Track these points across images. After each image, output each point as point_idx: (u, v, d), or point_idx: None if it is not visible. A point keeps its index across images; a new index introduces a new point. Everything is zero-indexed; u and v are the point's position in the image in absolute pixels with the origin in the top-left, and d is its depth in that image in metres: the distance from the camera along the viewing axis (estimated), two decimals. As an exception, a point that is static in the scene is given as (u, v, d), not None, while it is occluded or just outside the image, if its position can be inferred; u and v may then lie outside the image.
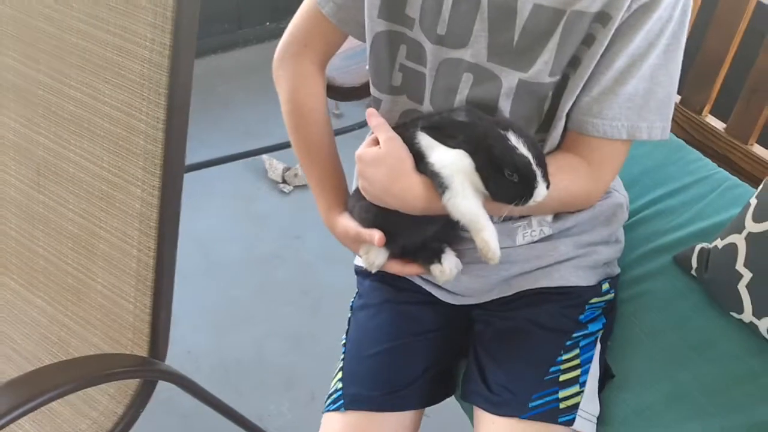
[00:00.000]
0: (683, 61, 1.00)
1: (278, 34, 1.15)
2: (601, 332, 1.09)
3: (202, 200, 2.32)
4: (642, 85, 0.97)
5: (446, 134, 0.94)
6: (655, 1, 0.94)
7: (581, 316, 1.08)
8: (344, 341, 1.16)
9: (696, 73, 1.40)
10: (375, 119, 1.01)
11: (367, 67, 1.10)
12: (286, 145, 2.37)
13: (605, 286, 1.11)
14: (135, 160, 1.07)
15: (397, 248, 1.04)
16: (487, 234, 0.93)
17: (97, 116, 1.09)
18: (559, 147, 1.04)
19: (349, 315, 1.19)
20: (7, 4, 1.13)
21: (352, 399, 1.08)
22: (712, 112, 1.42)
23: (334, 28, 1.10)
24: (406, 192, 0.95)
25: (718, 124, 1.39)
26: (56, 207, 1.17)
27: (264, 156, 2.46)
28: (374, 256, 1.04)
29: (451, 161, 0.93)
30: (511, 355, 1.07)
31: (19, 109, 1.15)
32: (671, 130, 1.39)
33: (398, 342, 1.11)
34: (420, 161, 0.96)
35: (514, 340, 1.07)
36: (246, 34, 2.97)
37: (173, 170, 1.06)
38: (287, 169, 2.41)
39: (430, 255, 1.04)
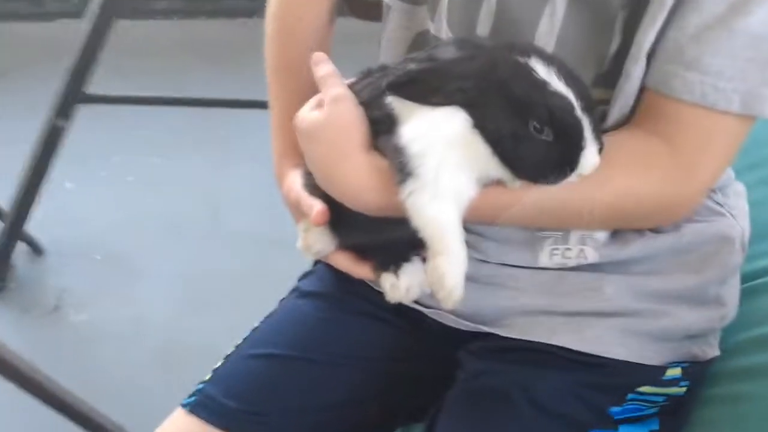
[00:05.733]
0: None
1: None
2: (644, 444, 0.73)
3: (236, 145, 2.23)
4: None
5: (426, 88, 0.62)
6: None
7: (614, 408, 0.71)
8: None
9: None
10: (323, 67, 0.72)
11: None
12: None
13: (674, 372, 0.73)
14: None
15: (348, 242, 0.76)
16: (446, 260, 0.61)
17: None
18: (627, 119, 0.70)
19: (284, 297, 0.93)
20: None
21: (202, 401, 0.82)
22: None
23: None
24: (350, 180, 0.67)
25: None
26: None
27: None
28: (313, 239, 0.74)
29: (427, 128, 0.61)
30: None
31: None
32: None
33: (317, 355, 0.83)
34: (388, 133, 0.65)
35: (489, 412, 0.73)
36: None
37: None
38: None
39: (388, 259, 0.73)
